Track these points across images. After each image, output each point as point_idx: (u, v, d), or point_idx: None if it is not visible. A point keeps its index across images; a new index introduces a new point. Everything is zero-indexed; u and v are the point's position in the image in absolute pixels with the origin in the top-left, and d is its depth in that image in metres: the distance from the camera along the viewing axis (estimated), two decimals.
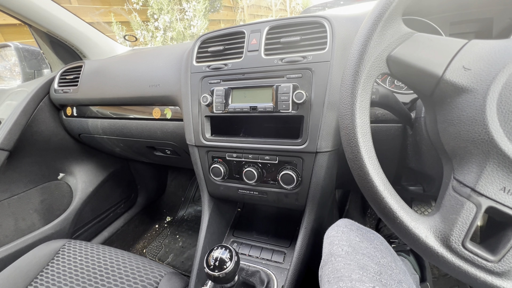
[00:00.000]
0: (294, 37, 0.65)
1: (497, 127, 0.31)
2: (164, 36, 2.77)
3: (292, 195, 0.70)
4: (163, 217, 1.81)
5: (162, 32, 2.72)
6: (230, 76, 0.72)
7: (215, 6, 3.45)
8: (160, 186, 1.83)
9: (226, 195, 0.79)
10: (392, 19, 0.38)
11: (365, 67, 0.39)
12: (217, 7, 3.54)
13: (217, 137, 0.75)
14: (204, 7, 2.81)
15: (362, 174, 0.39)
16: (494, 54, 0.33)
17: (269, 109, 0.66)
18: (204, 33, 0.79)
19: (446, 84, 0.35)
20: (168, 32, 2.76)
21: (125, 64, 1.01)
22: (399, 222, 0.37)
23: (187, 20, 2.86)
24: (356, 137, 0.39)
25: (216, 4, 3.47)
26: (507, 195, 0.31)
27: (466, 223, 0.33)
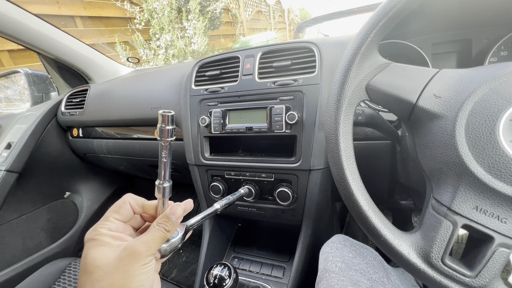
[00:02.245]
0: (286, 62, 0.69)
1: (466, 151, 0.34)
2: (166, 54, 2.86)
3: (289, 211, 0.73)
4: None
5: (163, 50, 2.82)
6: (226, 98, 0.76)
7: (215, 24, 3.58)
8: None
9: (225, 212, 0.82)
10: (368, 51, 0.42)
11: (346, 95, 0.42)
12: (217, 25, 3.66)
13: (216, 156, 0.79)
14: (203, 25, 2.91)
15: (347, 194, 0.42)
16: (461, 83, 0.37)
17: (263, 129, 0.69)
18: (201, 58, 0.84)
19: (420, 111, 0.38)
20: (170, 50, 2.86)
21: (128, 88, 1.06)
22: (383, 240, 0.39)
23: (188, 38, 2.96)
24: (341, 160, 0.42)
25: (216, 22, 3.59)
26: (479, 213, 0.34)
27: (444, 240, 0.35)
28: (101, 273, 0.28)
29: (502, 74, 0.34)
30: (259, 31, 7.23)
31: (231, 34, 5.81)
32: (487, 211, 0.33)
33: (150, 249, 0.31)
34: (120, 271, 0.28)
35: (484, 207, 0.33)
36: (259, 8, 7.60)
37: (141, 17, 2.88)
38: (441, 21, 0.63)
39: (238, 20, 6.04)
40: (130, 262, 0.29)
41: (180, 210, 0.36)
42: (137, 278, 0.29)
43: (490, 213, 0.33)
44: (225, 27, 5.64)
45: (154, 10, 2.75)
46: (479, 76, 0.36)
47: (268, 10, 8.31)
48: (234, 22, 5.91)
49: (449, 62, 0.68)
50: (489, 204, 0.33)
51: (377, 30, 0.40)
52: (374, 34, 0.41)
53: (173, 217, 0.34)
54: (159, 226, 0.33)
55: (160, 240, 0.32)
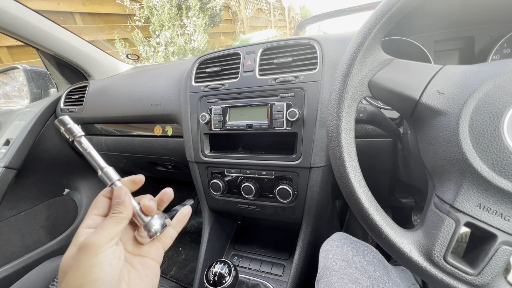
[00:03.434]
0: (287, 58, 0.68)
1: (470, 148, 0.33)
2: (165, 51, 2.85)
3: (289, 209, 0.72)
4: None
5: (163, 47, 2.81)
6: (227, 95, 0.75)
7: (215, 21, 3.56)
8: None
9: (225, 209, 0.82)
10: (371, 47, 0.41)
11: (348, 92, 0.42)
12: (217, 22, 3.64)
13: (216, 154, 0.78)
14: (204, 22, 2.90)
15: (349, 192, 0.41)
16: (465, 80, 0.36)
17: (264, 126, 0.69)
18: (201, 55, 0.83)
19: (423, 107, 0.38)
20: (170, 47, 2.85)
21: (127, 84, 1.05)
22: (385, 237, 0.39)
23: (188, 35, 2.95)
24: (343, 157, 0.42)
25: (216, 19, 3.57)
26: (482, 211, 0.33)
27: (446, 238, 0.35)
28: (61, 275, 0.28)
29: (506, 70, 0.33)
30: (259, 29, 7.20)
31: (231, 32, 5.79)
32: (491, 208, 0.33)
33: (101, 238, 0.29)
34: (73, 268, 0.27)
35: (488, 205, 0.33)
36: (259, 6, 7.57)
37: (140, 14, 2.86)
38: (444, 19, 0.63)
39: (238, 17, 6.01)
40: (80, 256, 0.28)
41: (120, 191, 0.34)
42: (88, 271, 0.27)
43: (494, 210, 0.33)
44: (225, 24, 5.61)
45: (154, 7, 2.73)
46: (483, 72, 0.35)
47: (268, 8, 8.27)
48: (234, 20, 5.88)
49: (451, 59, 0.68)
50: (493, 202, 0.33)
51: (380, 25, 0.40)
52: (377, 30, 0.40)
53: (118, 200, 0.33)
54: (110, 213, 0.32)
55: (114, 226, 0.31)
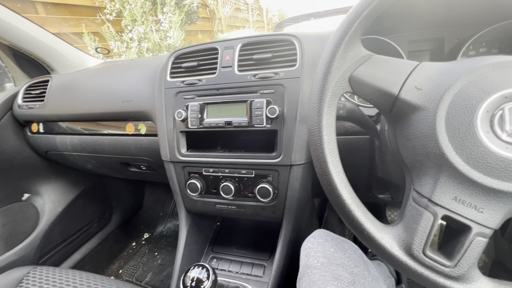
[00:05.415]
0: (266, 54, 0.67)
1: (447, 142, 0.34)
2: (139, 47, 2.72)
3: (269, 208, 0.71)
4: (141, 234, 1.73)
5: (136, 43, 2.68)
6: (204, 91, 0.72)
7: (192, 18, 3.47)
8: (136, 202, 1.76)
9: (203, 210, 0.79)
10: (352, 42, 0.41)
11: (329, 87, 0.41)
12: (194, 19, 3.56)
13: (193, 152, 0.75)
14: (180, 19, 2.81)
15: (330, 188, 0.41)
16: (441, 76, 0.37)
17: (243, 124, 0.67)
18: (177, 49, 0.79)
19: (402, 103, 0.38)
20: (143, 43, 2.72)
21: (96, 79, 0.98)
22: (366, 233, 0.39)
23: (163, 31, 2.84)
24: (324, 153, 0.41)
25: (193, 16, 3.48)
26: (458, 204, 0.34)
27: (425, 231, 0.36)
28: None
29: (479, 66, 0.34)
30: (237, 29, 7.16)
31: (209, 30, 5.70)
32: (465, 201, 0.34)
33: None
34: None
35: (463, 198, 0.34)
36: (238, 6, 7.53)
37: (112, 7, 2.71)
38: (416, 20, 0.65)
39: (216, 16, 5.94)
40: None
41: None
42: None
43: (468, 203, 0.34)
44: (203, 22, 5.51)
45: (126, 0, 2.60)
46: (458, 69, 0.36)
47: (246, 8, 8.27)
48: (212, 18, 5.80)
49: (423, 59, 0.70)
50: (467, 195, 0.33)
51: (360, 20, 0.40)
52: (357, 25, 0.40)
53: None
54: None
55: None
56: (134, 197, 1.73)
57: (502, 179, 0.32)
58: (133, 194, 1.71)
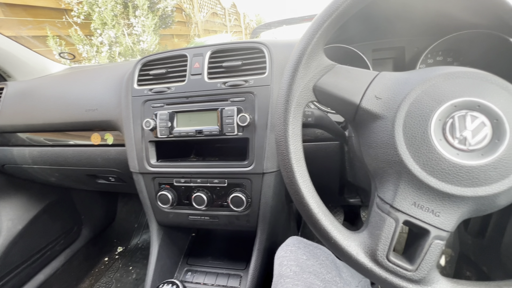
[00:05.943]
0: (236, 62, 0.66)
1: (405, 150, 0.35)
2: (110, 52, 2.61)
3: (243, 217, 0.70)
4: (114, 248, 1.64)
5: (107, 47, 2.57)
6: (173, 99, 0.70)
7: (167, 22, 3.40)
8: (109, 214, 1.66)
9: (176, 222, 0.76)
10: (314, 53, 0.41)
11: (294, 97, 0.41)
12: (169, 23, 3.49)
13: (163, 163, 0.72)
14: (153, 22, 2.74)
15: (298, 198, 0.41)
16: (398, 85, 0.38)
17: (214, 132, 0.66)
18: (145, 56, 0.76)
19: (363, 111, 0.39)
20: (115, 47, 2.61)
21: (58, 86, 0.92)
22: (333, 242, 0.39)
23: (136, 36, 2.75)
24: (291, 163, 0.41)
25: (168, 20, 3.41)
26: (417, 209, 0.35)
27: (388, 237, 0.36)
28: None
29: (431, 77, 0.36)
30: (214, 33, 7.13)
31: (185, 35, 5.62)
32: (424, 206, 0.35)
33: None
34: None
35: (421, 203, 0.35)
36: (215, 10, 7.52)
37: (79, 10, 2.58)
38: (379, 29, 0.68)
39: (193, 20, 5.87)
40: None
41: None
42: None
43: (426, 208, 0.35)
44: (179, 27, 5.43)
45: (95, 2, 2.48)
46: (413, 79, 0.38)
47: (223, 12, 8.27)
48: (188, 23, 5.73)
49: (387, 67, 0.74)
50: (425, 200, 0.35)
51: (322, 31, 0.40)
52: (319, 35, 0.40)
53: None
54: None
55: None
56: (105, 209, 1.64)
57: (455, 184, 0.33)
58: (104, 205, 1.62)
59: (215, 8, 7.73)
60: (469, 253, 1.13)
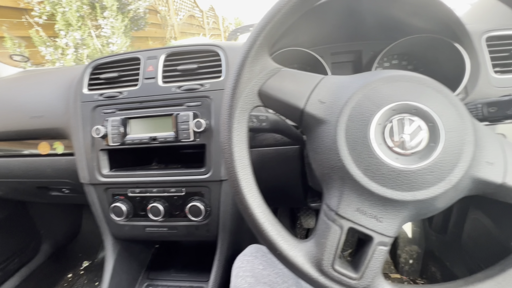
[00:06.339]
0: (191, 65, 0.64)
1: (347, 155, 0.34)
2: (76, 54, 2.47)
3: (203, 227, 0.67)
4: (79, 262, 1.53)
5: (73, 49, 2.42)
6: (126, 105, 0.66)
7: (139, 24, 3.29)
8: (72, 227, 1.55)
9: (132, 235, 0.71)
10: (258, 56, 0.40)
11: (238, 102, 0.40)
12: (142, 26, 3.38)
13: (116, 172, 0.68)
14: (123, 24, 2.63)
15: (243, 207, 0.39)
16: (341, 89, 0.38)
17: (170, 139, 0.62)
18: (95, 59, 0.72)
19: (308, 116, 0.38)
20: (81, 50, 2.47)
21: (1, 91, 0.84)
22: (279, 253, 0.37)
23: (105, 37, 2.63)
24: (235, 171, 0.39)
25: (140, 23, 3.30)
26: (360, 215, 0.35)
27: (333, 246, 0.35)
28: None
29: (372, 81, 0.36)
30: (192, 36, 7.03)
31: (160, 37, 5.49)
32: (367, 212, 0.34)
33: None
34: None
35: (364, 209, 0.34)
36: (192, 13, 7.43)
37: (41, 10, 2.42)
38: (336, 33, 0.69)
39: (168, 23, 5.76)
40: None
41: None
42: None
43: (369, 213, 0.34)
44: (154, 29, 5.29)
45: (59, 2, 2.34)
46: (355, 82, 0.37)
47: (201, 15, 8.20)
48: (164, 25, 5.60)
49: (346, 70, 0.74)
50: (368, 206, 0.34)
51: (265, 34, 0.39)
52: (262, 39, 0.39)
53: None
54: None
55: None
56: (68, 221, 1.53)
57: (394, 188, 0.33)
58: (67, 218, 1.51)
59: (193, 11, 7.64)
60: (434, 249, 1.17)
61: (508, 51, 0.57)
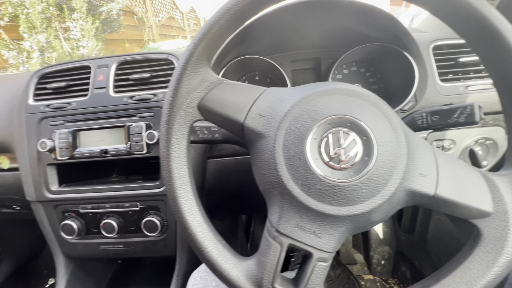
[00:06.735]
0: (144, 74, 0.61)
1: (284, 170, 0.34)
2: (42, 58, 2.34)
3: (160, 242, 0.64)
4: (44, 280, 1.44)
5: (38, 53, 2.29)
6: (75, 116, 0.63)
7: (112, 26, 3.17)
8: (35, 242, 1.46)
9: (85, 254, 0.67)
10: (197, 68, 0.38)
11: (176, 116, 0.38)
12: (115, 28, 3.26)
13: (66, 188, 0.64)
14: (94, 26, 2.52)
15: (182, 227, 0.37)
16: (280, 102, 0.37)
17: (122, 151, 0.59)
18: (42, 67, 0.67)
19: (248, 130, 0.37)
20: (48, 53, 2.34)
21: None
22: (219, 273, 0.36)
23: (75, 40, 2.51)
24: (174, 188, 0.37)
25: (114, 25, 3.19)
26: (300, 231, 0.34)
27: (273, 264, 0.34)
28: None
29: (309, 94, 0.35)
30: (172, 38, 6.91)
31: (138, 39, 5.35)
32: (306, 228, 0.34)
33: None
34: None
35: (304, 225, 0.34)
36: (171, 15, 7.30)
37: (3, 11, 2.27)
38: (294, 41, 0.69)
39: (146, 25, 5.63)
40: None
41: None
42: None
43: (309, 229, 0.33)
44: (131, 31, 5.16)
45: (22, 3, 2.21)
46: (294, 95, 0.36)
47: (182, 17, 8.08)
48: (141, 27, 5.47)
49: (306, 77, 0.75)
50: (307, 221, 0.33)
51: (203, 45, 0.38)
52: (200, 50, 0.38)
53: None
54: None
55: None
56: (31, 237, 1.43)
57: (331, 203, 0.32)
58: (29, 234, 1.42)
59: (172, 13, 7.52)
60: (403, 249, 1.20)
61: (454, 60, 0.59)
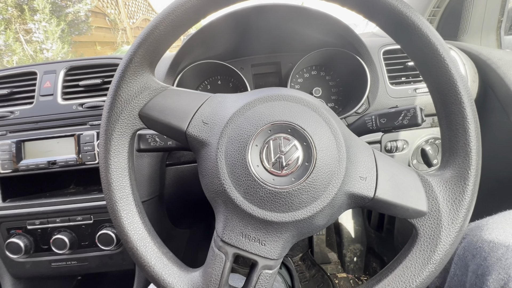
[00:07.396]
0: (95, 80, 0.59)
1: (227, 178, 0.33)
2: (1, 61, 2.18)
3: (117, 256, 0.62)
4: None
5: None
6: (19, 126, 0.58)
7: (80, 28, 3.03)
8: None
9: (36, 273, 0.63)
10: (137, 75, 0.37)
11: (115, 126, 0.36)
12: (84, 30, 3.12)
13: (11, 203, 0.59)
14: (59, 28, 2.39)
15: (123, 241, 0.35)
16: (224, 109, 0.36)
17: (71, 162, 0.56)
18: None
19: (191, 138, 0.36)
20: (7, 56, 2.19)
21: None
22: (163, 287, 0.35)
23: (38, 43, 2.37)
24: (113, 201, 0.36)
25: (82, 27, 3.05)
26: (245, 240, 0.33)
27: (218, 275, 0.33)
28: None
29: (251, 100, 0.35)
30: None
31: (111, 42, 5.16)
32: (250, 236, 0.33)
33: None
34: None
35: (248, 233, 0.33)
36: (147, 17, 7.13)
37: None
38: (253, 45, 0.69)
39: (119, 26, 5.44)
40: None
41: None
42: None
43: (253, 237, 0.33)
44: (103, 33, 4.97)
45: None
46: (237, 102, 0.36)
47: None
48: (113, 29, 5.28)
49: (268, 81, 0.75)
50: (251, 229, 0.33)
51: (143, 51, 0.36)
52: (140, 56, 0.36)
53: None
54: None
55: None
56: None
57: (273, 210, 0.32)
58: None
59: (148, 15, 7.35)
60: (374, 245, 1.24)
61: (403, 64, 0.62)
